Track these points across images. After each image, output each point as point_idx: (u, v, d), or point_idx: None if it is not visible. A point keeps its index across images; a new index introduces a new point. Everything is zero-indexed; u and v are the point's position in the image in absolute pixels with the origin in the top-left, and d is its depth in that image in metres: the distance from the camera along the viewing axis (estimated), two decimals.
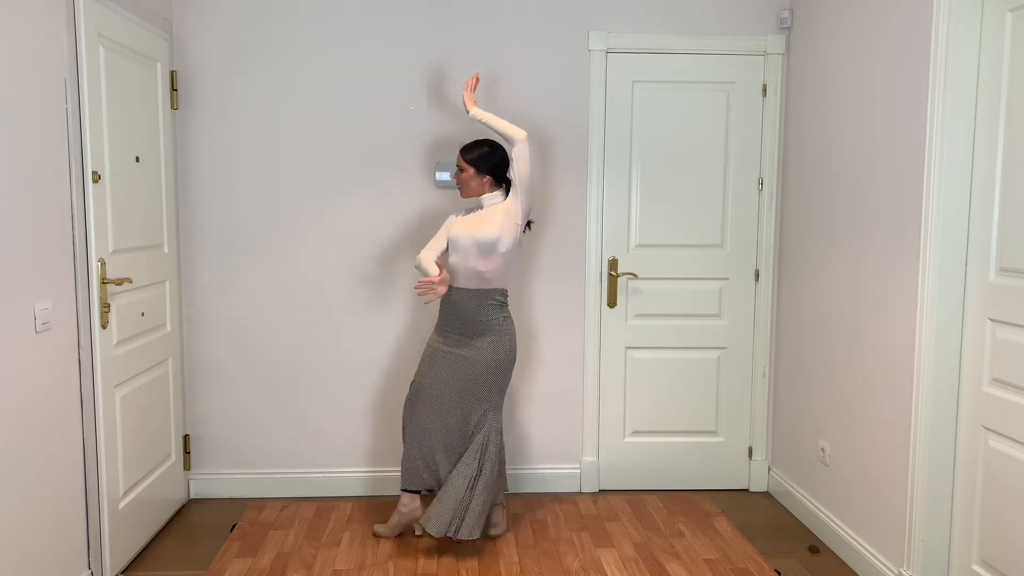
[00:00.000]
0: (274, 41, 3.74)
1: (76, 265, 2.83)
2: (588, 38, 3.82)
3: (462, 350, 3.27)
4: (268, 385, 3.89)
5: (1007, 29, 2.57)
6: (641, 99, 3.89)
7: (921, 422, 2.81)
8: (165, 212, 3.60)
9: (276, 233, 3.82)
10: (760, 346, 4.04)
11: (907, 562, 2.91)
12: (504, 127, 3.19)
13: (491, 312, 3.27)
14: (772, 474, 4.06)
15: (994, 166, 2.62)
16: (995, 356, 2.62)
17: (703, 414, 4.07)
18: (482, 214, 3.26)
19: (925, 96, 2.79)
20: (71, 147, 2.80)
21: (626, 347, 4.00)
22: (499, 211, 3.24)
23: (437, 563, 3.20)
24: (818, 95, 3.58)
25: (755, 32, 3.87)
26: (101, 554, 3.02)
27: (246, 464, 3.93)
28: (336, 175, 3.81)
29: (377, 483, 3.94)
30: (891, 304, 3.01)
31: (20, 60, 2.50)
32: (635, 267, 3.95)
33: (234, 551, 3.29)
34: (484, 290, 3.25)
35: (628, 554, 3.30)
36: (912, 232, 2.87)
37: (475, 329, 3.26)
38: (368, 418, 3.94)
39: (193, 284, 3.82)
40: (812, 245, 3.64)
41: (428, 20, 3.78)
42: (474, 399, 3.28)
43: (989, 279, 2.64)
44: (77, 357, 2.85)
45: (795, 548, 3.45)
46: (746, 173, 3.95)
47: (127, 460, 3.21)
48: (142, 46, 3.34)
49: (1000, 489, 2.60)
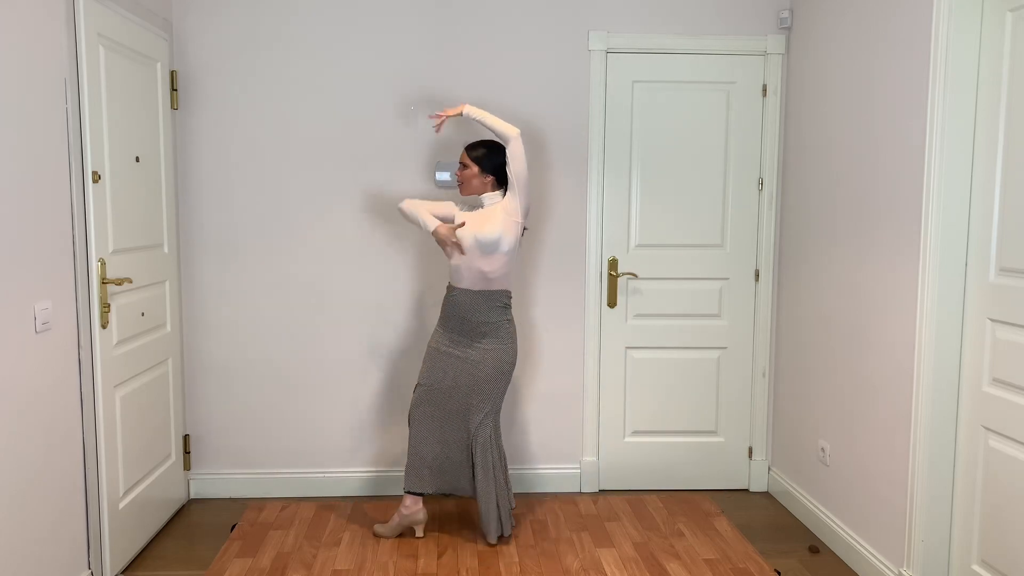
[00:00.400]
0: (274, 41, 3.74)
1: (76, 265, 2.83)
2: (588, 38, 3.82)
3: (465, 352, 3.27)
4: (268, 385, 3.89)
5: (1007, 29, 2.57)
6: (641, 99, 3.89)
7: (921, 422, 2.81)
8: (165, 212, 3.60)
9: (276, 233, 3.82)
10: (760, 346, 4.04)
11: (907, 562, 2.91)
12: (499, 125, 3.19)
13: (496, 314, 3.26)
14: (772, 474, 4.06)
15: (994, 166, 2.62)
16: (995, 356, 2.62)
17: (703, 414, 4.07)
18: (483, 213, 3.26)
19: (925, 96, 2.79)
20: (71, 147, 2.80)
21: (626, 347, 4.00)
22: (499, 210, 3.23)
23: (437, 563, 3.20)
24: (818, 95, 3.58)
25: (755, 32, 3.87)
26: (101, 554, 3.02)
27: (246, 464, 3.93)
28: (336, 175, 3.81)
29: (377, 483, 3.94)
30: (891, 304, 3.01)
31: (20, 60, 2.50)
32: (635, 267, 3.95)
33: (234, 551, 3.29)
34: (489, 292, 3.25)
35: (628, 554, 3.30)
36: (912, 232, 2.87)
37: (479, 331, 3.25)
38: (368, 418, 3.94)
39: (193, 284, 3.82)
40: (812, 245, 3.64)
41: (428, 20, 3.78)
42: (476, 402, 3.28)
43: (989, 279, 2.64)
44: (77, 357, 2.85)
45: (795, 548, 3.45)
46: (746, 173, 3.95)
47: (127, 460, 3.21)
48: (142, 46, 3.34)
49: (1000, 489, 2.60)
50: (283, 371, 3.89)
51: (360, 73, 3.78)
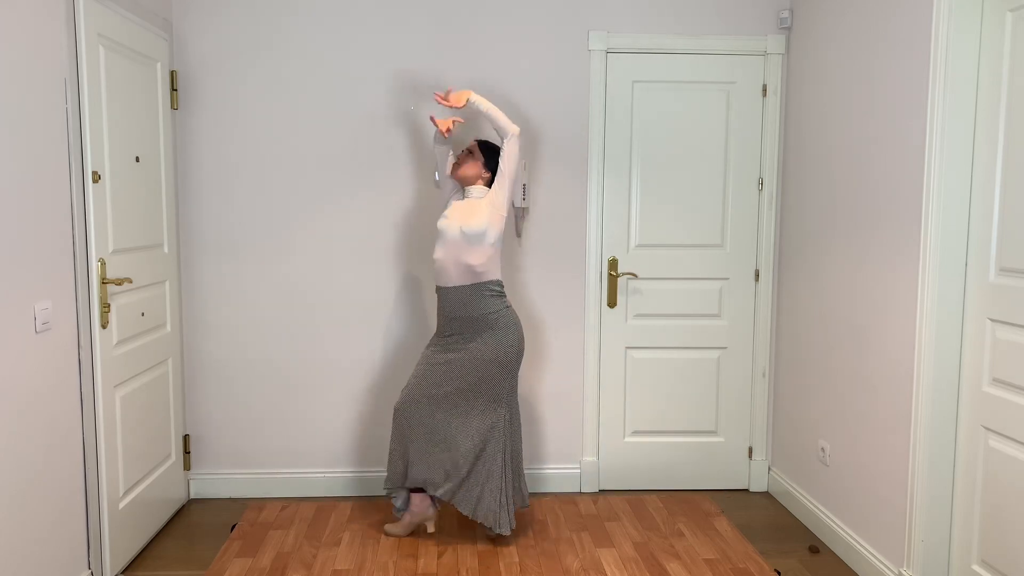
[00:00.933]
0: (274, 41, 3.74)
1: (76, 265, 2.83)
2: (588, 38, 3.82)
3: (465, 347, 3.25)
4: (268, 385, 3.89)
5: (1007, 29, 2.57)
6: (641, 99, 3.89)
7: (921, 422, 2.81)
8: (165, 212, 3.60)
9: (276, 233, 3.82)
10: (760, 346, 4.04)
11: (907, 562, 2.91)
12: (503, 119, 3.21)
13: (491, 303, 3.23)
14: (772, 474, 4.06)
15: (994, 166, 2.62)
16: (995, 356, 2.62)
17: (703, 414, 4.07)
18: (469, 205, 3.26)
19: (925, 96, 2.79)
20: (71, 147, 2.80)
21: (626, 347, 4.00)
22: (485, 204, 3.24)
23: (437, 563, 3.20)
24: (818, 95, 3.58)
25: (755, 32, 3.88)
26: (101, 554, 3.02)
27: (246, 464, 3.93)
28: (336, 174, 3.81)
29: (378, 483, 3.94)
30: (891, 304, 3.01)
31: (20, 60, 2.50)
32: (635, 267, 3.95)
33: (234, 551, 3.29)
34: (478, 284, 3.23)
35: (628, 554, 3.30)
36: (912, 232, 2.87)
37: (478, 324, 3.23)
38: (368, 418, 3.94)
39: (193, 284, 3.82)
40: (812, 245, 3.64)
41: (428, 20, 3.78)
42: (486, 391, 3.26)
43: (989, 279, 2.64)
44: (77, 357, 2.85)
45: (795, 548, 3.45)
46: (746, 173, 3.95)
47: (127, 460, 3.21)
48: (142, 46, 3.34)
49: (1000, 489, 2.60)
50: (283, 371, 3.89)
51: (360, 73, 3.78)
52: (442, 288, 3.28)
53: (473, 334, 3.25)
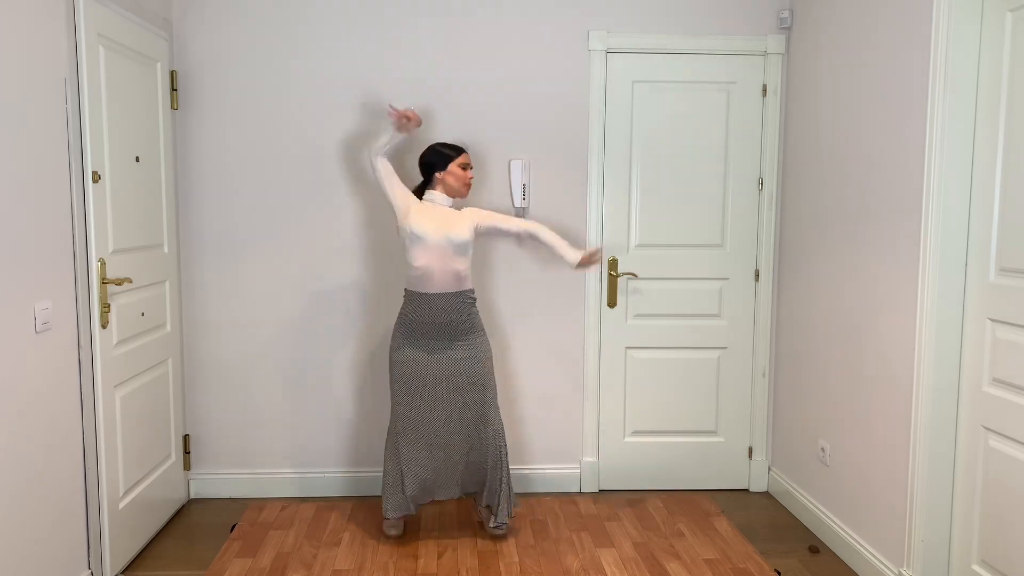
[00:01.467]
0: (274, 41, 3.74)
1: (76, 265, 2.83)
2: (588, 38, 3.82)
3: (447, 354, 3.26)
4: (268, 385, 3.89)
5: (1007, 29, 2.57)
6: (641, 99, 3.89)
7: (921, 422, 2.81)
8: (165, 212, 3.60)
9: (276, 233, 3.82)
10: (760, 346, 4.04)
11: (907, 562, 2.91)
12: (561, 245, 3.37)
13: (471, 309, 3.30)
14: (772, 474, 4.06)
15: (994, 166, 2.62)
16: (995, 356, 2.62)
17: (703, 414, 4.07)
18: (443, 212, 3.27)
19: (925, 96, 2.79)
20: (71, 147, 2.80)
21: (626, 347, 4.00)
22: (467, 217, 3.27)
23: (437, 563, 3.20)
24: (818, 95, 3.58)
25: (755, 32, 3.87)
26: (101, 554, 3.02)
27: (246, 464, 3.93)
28: (336, 175, 3.81)
29: (377, 483, 3.94)
30: (891, 304, 3.01)
31: (20, 60, 2.50)
32: (635, 267, 3.95)
33: (234, 551, 3.29)
34: (461, 291, 3.26)
35: (628, 554, 3.30)
36: (912, 232, 2.87)
37: (460, 329, 3.26)
38: (368, 418, 3.94)
39: (193, 284, 3.82)
40: (812, 245, 3.64)
41: (428, 21, 3.78)
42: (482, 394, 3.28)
43: (989, 279, 2.64)
44: (77, 357, 2.86)
45: (795, 548, 3.45)
46: (746, 173, 3.95)
47: (127, 460, 3.21)
48: (142, 46, 3.34)
49: (1000, 489, 2.61)
50: (283, 371, 3.89)
51: (360, 72, 3.78)
52: (423, 295, 3.23)
53: (452, 339, 3.26)
